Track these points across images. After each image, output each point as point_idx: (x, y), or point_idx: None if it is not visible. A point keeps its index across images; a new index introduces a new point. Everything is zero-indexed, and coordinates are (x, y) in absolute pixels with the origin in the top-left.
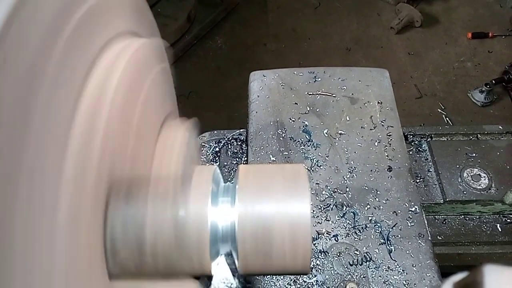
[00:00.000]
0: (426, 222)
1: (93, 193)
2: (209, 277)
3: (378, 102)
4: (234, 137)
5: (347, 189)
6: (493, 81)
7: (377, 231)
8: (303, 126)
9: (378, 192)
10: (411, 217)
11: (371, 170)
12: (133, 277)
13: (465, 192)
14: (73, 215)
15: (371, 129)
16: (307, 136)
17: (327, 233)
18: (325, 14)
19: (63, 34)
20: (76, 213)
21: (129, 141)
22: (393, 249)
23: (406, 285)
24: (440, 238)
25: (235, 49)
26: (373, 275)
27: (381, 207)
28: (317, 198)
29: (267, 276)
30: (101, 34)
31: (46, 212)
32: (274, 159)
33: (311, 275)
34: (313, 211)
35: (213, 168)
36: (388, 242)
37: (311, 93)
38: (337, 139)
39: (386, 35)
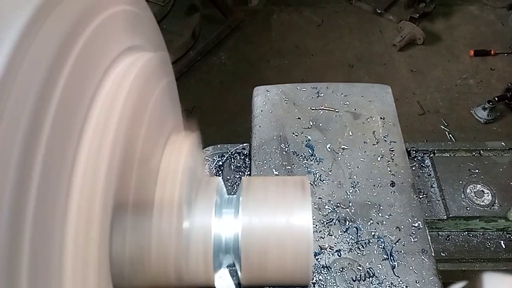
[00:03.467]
0: (429, 238)
1: (100, 203)
2: None
3: (381, 118)
4: (238, 151)
5: (350, 204)
6: (496, 98)
7: (380, 246)
8: (306, 141)
9: (381, 207)
10: (414, 232)
11: (374, 185)
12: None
13: (468, 208)
14: (80, 225)
15: (373, 144)
16: (310, 151)
17: (329, 248)
18: (328, 31)
19: (74, 51)
20: (83, 224)
21: (136, 155)
22: (396, 265)
23: None
24: (444, 254)
25: (238, 65)
26: None
27: (384, 222)
28: (320, 212)
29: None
30: (109, 52)
31: (56, 226)
32: (277, 173)
33: None
34: (316, 225)
35: (217, 180)
36: (391, 258)
37: (314, 108)
38: (340, 153)
39: (388, 52)
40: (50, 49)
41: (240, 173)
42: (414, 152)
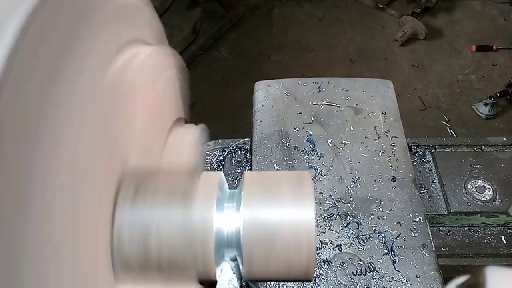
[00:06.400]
0: (430, 232)
1: (103, 187)
2: (214, 283)
3: (382, 113)
4: (239, 146)
5: (351, 199)
6: (497, 94)
7: (381, 241)
8: (307, 136)
9: (382, 202)
10: (415, 227)
11: (375, 180)
12: (138, 279)
13: (469, 204)
14: (82, 208)
15: (375, 139)
16: (311, 146)
17: (330, 243)
18: (330, 26)
19: (76, 45)
20: (85, 207)
21: (140, 139)
22: (397, 260)
23: None
24: (445, 249)
25: (239, 59)
26: (377, 286)
27: (385, 217)
28: (321, 207)
29: (271, 282)
30: (116, 40)
31: (57, 202)
32: (278, 168)
33: (314, 285)
34: (317, 220)
35: (219, 174)
36: (392, 253)
37: (315, 103)
38: (341, 149)
39: (390, 48)
40: (52, 45)
41: (241, 168)
42: (415, 147)
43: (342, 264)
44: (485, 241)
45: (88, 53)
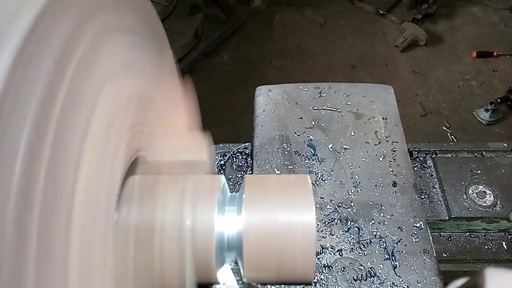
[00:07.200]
0: (431, 238)
1: (106, 186)
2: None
3: (383, 118)
4: (239, 150)
5: (352, 204)
6: (498, 100)
7: (382, 246)
8: (308, 141)
9: (383, 207)
10: (416, 233)
11: (376, 185)
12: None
13: (470, 209)
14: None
15: (375, 145)
16: (312, 151)
17: (331, 248)
18: (330, 32)
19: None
20: (87, 204)
21: (150, 141)
22: (397, 265)
23: None
24: (446, 255)
25: (241, 65)
26: None
27: (385, 222)
28: (322, 212)
29: (272, 286)
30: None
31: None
32: (279, 173)
33: None
34: (318, 225)
35: (220, 178)
36: (393, 258)
37: (316, 108)
38: (342, 153)
39: (390, 53)
40: (54, 49)
41: (242, 173)
42: (416, 152)
43: (342, 269)
44: (486, 246)
45: (95, 55)
